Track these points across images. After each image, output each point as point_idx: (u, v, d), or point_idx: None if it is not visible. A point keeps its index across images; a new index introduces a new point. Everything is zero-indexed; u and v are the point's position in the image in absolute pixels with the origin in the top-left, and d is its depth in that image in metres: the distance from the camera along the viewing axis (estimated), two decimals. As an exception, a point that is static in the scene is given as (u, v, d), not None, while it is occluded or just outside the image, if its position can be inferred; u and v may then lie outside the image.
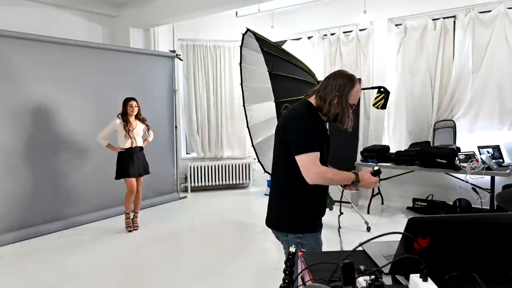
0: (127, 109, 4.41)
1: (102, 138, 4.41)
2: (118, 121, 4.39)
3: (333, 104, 1.79)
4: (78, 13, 5.78)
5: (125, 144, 4.41)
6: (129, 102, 4.42)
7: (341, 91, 1.78)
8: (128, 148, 4.41)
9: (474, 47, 4.74)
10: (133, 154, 4.44)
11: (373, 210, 5.14)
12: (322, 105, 1.81)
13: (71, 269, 3.50)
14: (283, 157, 1.82)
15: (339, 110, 1.80)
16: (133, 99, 4.45)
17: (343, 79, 1.81)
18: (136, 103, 4.46)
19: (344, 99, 1.79)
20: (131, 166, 4.43)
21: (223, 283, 3.20)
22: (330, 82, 1.82)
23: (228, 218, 5.10)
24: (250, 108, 4.75)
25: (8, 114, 4.22)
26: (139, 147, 4.51)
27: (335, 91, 1.78)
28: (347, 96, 1.79)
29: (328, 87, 1.81)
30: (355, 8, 5.48)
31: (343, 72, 1.87)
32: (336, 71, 1.88)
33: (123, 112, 4.42)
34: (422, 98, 5.18)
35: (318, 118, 1.83)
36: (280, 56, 4.24)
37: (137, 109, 4.46)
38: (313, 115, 1.80)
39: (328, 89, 1.80)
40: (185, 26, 6.29)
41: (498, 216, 1.16)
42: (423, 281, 0.86)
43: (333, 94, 1.78)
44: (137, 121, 4.52)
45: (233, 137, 6.79)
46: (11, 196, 4.24)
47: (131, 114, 4.42)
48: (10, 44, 4.19)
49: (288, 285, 1.13)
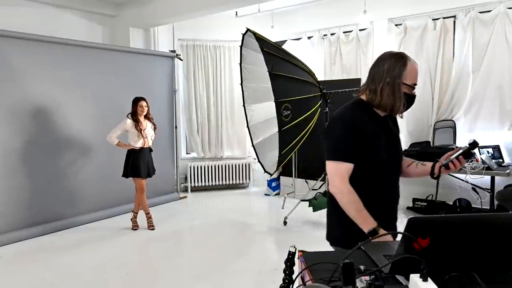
0: (137, 109, 4.39)
1: (114, 137, 4.35)
2: (129, 121, 4.37)
3: (385, 94, 1.52)
4: (78, 13, 5.78)
5: (138, 144, 4.40)
6: (139, 102, 4.41)
7: (391, 76, 1.51)
8: (140, 147, 4.41)
9: (474, 47, 4.74)
10: (144, 154, 4.44)
11: (373, 210, 5.13)
12: (373, 98, 1.56)
13: (71, 269, 3.50)
14: None
15: (392, 99, 1.53)
16: (143, 99, 4.43)
17: (389, 61, 1.53)
18: (146, 103, 4.45)
19: (397, 83, 1.51)
20: (142, 166, 4.42)
21: (223, 283, 3.20)
22: (376, 70, 1.56)
23: (228, 218, 5.10)
24: (250, 108, 4.76)
25: (8, 114, 4.22)
26: (149, 147, 4.51)
27: (383, 78, 1.52)
28: (400, 78, 1.51)
29: (375, 76, 1.56)
30: (355, 8, 5.48)
31: (388, 53, 1.57)
32: (381, 55, 1.59)
33: (133, 112, 4.40)
34: (422, 98, 5.18)
35: (372, 117, 1.58)
36: (280, 56, 4.25)
37: (147, 109, 4.45)
38: (361, 116, 1.55)
39: (376, 79, 1.55)
40: (185, 26, 6.29)
41: (498, 216, 1.16)
42: (423, 281, 0.86)
43: (383, 83, 1.52)
44: (147, 120, 4.51)
45: (233, 137, 6.79)
46: (11, 196, 4.24)
47: (141, 114, 4.41)
48: (10, 44, 4.18)
49: (288, 285, 1.13)
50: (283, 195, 5.95)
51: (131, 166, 4.40)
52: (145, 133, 4.42)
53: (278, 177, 6.33)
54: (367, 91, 1.59)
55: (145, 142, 4.44)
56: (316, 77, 4.65)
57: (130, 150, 4.42)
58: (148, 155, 4.52)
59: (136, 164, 4.40)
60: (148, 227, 4.54)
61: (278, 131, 4.16)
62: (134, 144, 4.40)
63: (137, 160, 4.40)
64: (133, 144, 4.41)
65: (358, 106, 1.60)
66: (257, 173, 6.64)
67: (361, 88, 1.64)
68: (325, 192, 4.77)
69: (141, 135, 4.38)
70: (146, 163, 4.46)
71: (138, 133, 4.36)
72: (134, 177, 4.43)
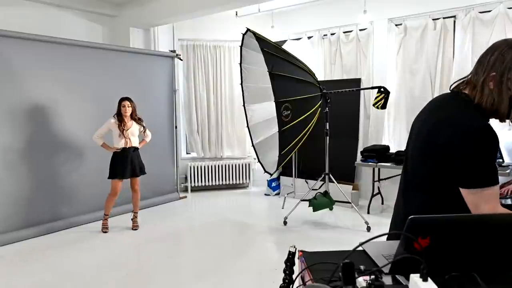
0: (121, 109, 4.40)
1: (98, 137, 4.41)
2: (113, 120, 4.39)
3: (486, 90, 1.23)
4: (79, 13, 5.78)
5: (119, 144, 4.39)
6: (122, 102, 4.41)
7: (499, 69, 1.21)
8: (122, 148, 4.40)
9: (474, 47, 4.74)
10: (127, 154, 4.42)
11: (373, 210, 5.14)
12: (472, 94, 1.27)
13: (71, 269, 3.50)
14: (427, 173, 1.33)
15: (495, 99, 1.22)
16: (126, 99, 4.43)
17: (501, 49, 1.23)
18: (130, 103, 4.43)
19: (505, 79, 1.20)
20: (123, 167, 4.40)
21: (223, 283, 3.20)
22: (483, 60, 1.27)
23: (228, 218, 5.10)
24: (250, 108, 4.76)
25: (8, 115, 4.22)
26: (133, 147, 4.49)
27: (489, 70, 1.23)
28: (510, 73, 1.20)
29: (479, 67, 1.27)
30: (355, 8, 5.48)
31: (501, 41, 1.27)
32: (495, 42, 1.29)
33: (118, 112, 4.42)
34: (422, 98, 5.18)
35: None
36: (280, 56, 4.25)
37: (130, 109, 4.43)
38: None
39: (479, 71, 1.27)
40: (185, 26, 6.29)
41: (498, 216, 1.15)
42: (423, 281, 0.86)
43: (486, 75, 1.23)
44: (133, 121, 4.50)
45: (233, 137, 6.79)
46: (11, 196, 4.24)
47: (125, 114, 4.40)
48: (10, 44, 4.18)
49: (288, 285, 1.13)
50: (283, 195, 5.95)
51: (114, 167, 4.40)
52: (128, 133, 4.41)
53: (278, 177, 6.33)
54: (467, 85, 1.31)
55: (127, 142, 4.42)
56: (316, 77, 4.65)
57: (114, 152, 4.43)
58: (133, 154, 4.47)
59: (116, 165, 4.39)
60: (102, 229, 4.52)
61: (278, 131, 4.16)
62: (117, 144, 4.39)
63: (118, 161, 4.39)
64: (115, 144, 4.40)
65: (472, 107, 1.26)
66: (257, 173, 6.64)
67: (464, 79, 1.34)
68: (325, 192, 4.77)
69: (123, 135, 4.37)
70: (129, 164, 4.43)
71: (120, 133, 4.36)
72: (118, 178, 4.42)
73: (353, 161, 5.42)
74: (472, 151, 1.18)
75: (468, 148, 1.18)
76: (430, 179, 1.32)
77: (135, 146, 4.51)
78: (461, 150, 1.19)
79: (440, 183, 1.28)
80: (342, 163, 5.53)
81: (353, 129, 5.68)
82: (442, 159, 1.24)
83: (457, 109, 1.28)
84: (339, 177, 5.12)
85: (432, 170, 1.30)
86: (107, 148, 4.44)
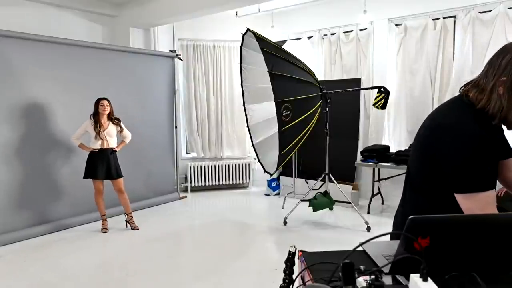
0: (98, 109, 4.37)
1: (75, 138, 4.41)
2: (88, 121, 4.37)
3: (494, 95, 1.17)
4: (78, 13, 5.78)
5: (96, 145, 4.35)
6: (100, 101, 4.38)
7: (510, 73, 1.15)
8: (99, 149, 4.36)
9: (474, 47, 4.74)
10: (103, 155, 4.38)
11: (373, 210, 5.14)
12: (479, 98, 1.21)
13: (71, 269, 3.50)
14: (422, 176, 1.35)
15: (505, 103, 1.16)
16: (104, 99, 4.40)
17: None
18: (108, 102, 4.41)
19: None
20: (99, 167, 4.36)
21: (223, 283, 3.20)
22: (494, 63, 1.20)
23: (228, 218, 5.10)
24: (250, 108, 4.76)
25: (8, 115, 4.22)
26: (110, 149, 4.44)
27: (499, 74, 1.16)
28: None
29: (489, 70, 1.20)
30: (355, 8, 5.48)
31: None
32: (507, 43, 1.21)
33: (95, 112, 4.38)
34: (422, 98, 5.19)
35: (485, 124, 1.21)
36: (280, 56, 4.25)
37: (108, 108, 4.40)
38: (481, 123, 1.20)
39: (489, 74, 1.20)
40: (185, 26, 6.29)
41: (498, 216, 1.15)
42: (423, 281, 0.86)
43: (496, 79, 1.17)
44: (109, 122, 4.47)
45: (233, 137, 6.79)
46: (10, 196, 4.25)
47: (103, 113, 4.38)
48: (10, 44, 4.18)
49: (288, 285, 1.13)
50: (283, 195, 5.95)
51: (88, 167, 4.38)
52: (104, 134, 4.38)
53: (278, 177, 6.33)
54: (474, 87, 1.25)
55: (104, 143, 4.38)
56: (316, 77, 4.65)
57: (90, 151, 4.40)
58: (110, 156, 4.43)
59: (93, 165, 4.37)
60: (102, 230, 4.52)
61: (278, 131, 4.16)
62: (93, 145, 4.36)
63: (95, 162, 4.36)
64: (92, 145, 4.38)
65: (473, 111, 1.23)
66: (257, 173, 6.64)
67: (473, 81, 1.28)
68: (325, 192, 4.77)
69: (99, 136, 4.34)
70: (105, 165, 4.39)
71: (96, 134, 4.33)
72: (92, 178, 4.40)
73: (353, 161, 5.42)
74: (461, 157, 1.18)
75: (457, 154, 1.18)
76: (424, 181, 1.34)
77: (113, 148, 4.46)
78: (451, 156, 1.20)
79: (433, 185, 1.30)
80: (342, 163, 5.53)
81: (353, 129, 5.68)
82: (434, 163, 1.26)
83: (454, 113, 1.26)
84: (339, 177, 5.12)
85: (425, 172, 1.32)
86: (84, 148, 4.41)
